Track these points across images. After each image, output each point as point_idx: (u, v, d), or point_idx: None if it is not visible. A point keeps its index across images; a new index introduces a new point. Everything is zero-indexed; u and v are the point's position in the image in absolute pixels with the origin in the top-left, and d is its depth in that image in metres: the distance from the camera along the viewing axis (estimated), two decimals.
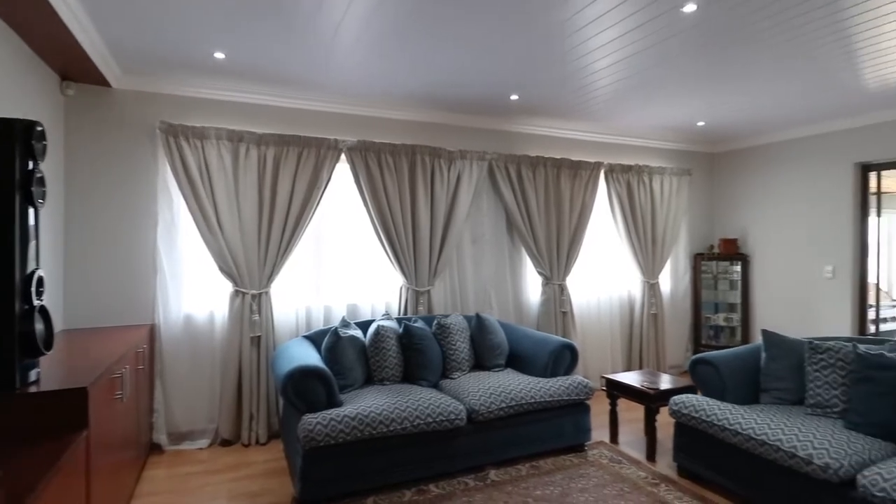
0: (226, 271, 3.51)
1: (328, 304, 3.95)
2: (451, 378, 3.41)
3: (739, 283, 5.30)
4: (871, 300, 4.63)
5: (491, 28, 2.68)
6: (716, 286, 5.47)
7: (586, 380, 3.35)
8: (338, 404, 2.82)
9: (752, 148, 5.32)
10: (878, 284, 4.50)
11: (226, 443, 3.50)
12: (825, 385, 2.70)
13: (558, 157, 4.78)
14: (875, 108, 4.18)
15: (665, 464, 3.16)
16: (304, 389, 2.71)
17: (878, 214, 4.48)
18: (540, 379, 3.33)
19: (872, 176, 4.48)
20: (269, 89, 3.67)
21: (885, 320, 6.04)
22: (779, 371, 2.93)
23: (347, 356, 3.16)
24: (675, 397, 2.99)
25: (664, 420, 3.78)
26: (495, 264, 4.60)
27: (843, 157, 4.54)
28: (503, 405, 3.06)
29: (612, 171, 4.94)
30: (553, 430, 3.26)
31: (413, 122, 4.27)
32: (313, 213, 3.75)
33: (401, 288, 4.09)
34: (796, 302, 4.89)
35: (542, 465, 3.14)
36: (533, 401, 3.14)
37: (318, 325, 3.87)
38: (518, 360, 3.66)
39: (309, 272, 3.90)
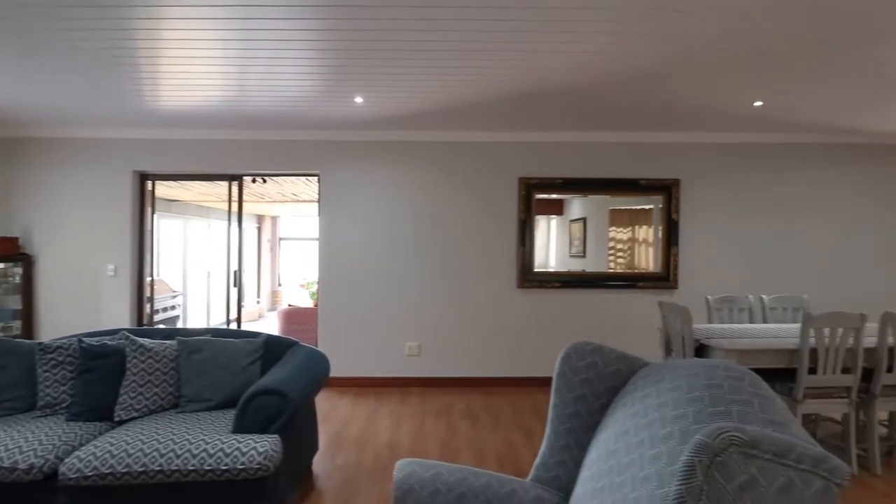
0: None
1: None
2: None
3: (21, 287, 4.77)
4: (156, 294, 5.28)
5: None
6: None
7: None
8: None
9: (34, 139, 4.89)
10: (153, 279, 5.16)
11: None
12: (55, 383, 2.74)
13: None
14: (152, 126, 4.73)
15: None
16: None
17: (153, 215, 5.14)
18: None
19: (149, 183, 5.09)
20: None
21: (167, 309, 7.16)
22: (9, 380, 2.73)
23: None
24: None
25: None
26: None
27: (124, 164, 4.91)
28: None
29: None
30: None
31: None
32: None
33: None
34: (83, 301, 4.89)
35: None
36: None
37: None
38: None
39: None
